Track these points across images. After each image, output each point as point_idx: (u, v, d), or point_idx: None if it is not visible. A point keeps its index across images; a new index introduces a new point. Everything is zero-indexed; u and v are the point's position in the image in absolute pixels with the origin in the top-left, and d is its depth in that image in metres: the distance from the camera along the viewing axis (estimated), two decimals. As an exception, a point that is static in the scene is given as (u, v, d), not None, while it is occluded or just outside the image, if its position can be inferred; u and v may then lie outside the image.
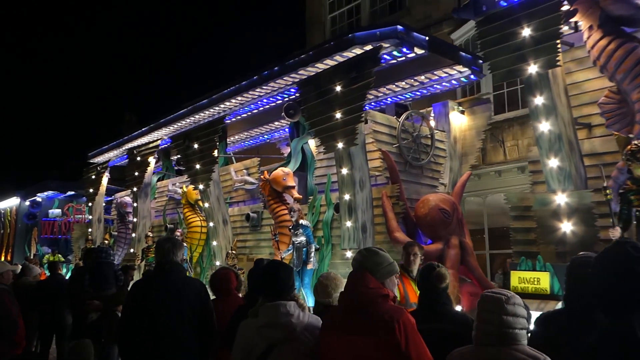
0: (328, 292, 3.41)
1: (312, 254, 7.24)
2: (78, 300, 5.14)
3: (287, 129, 11.47)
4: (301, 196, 8.24)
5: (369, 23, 13.87)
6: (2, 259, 22.81)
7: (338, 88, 6.99)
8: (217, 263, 9.56)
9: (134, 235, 12.07)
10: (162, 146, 12.72)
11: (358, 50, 6.98)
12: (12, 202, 23.08)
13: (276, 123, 11.22)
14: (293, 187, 8.20)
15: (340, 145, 6.89)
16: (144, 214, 12.19)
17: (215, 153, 9.52)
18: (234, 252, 8.27)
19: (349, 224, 6.88)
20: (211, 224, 9.69)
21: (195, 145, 9.76)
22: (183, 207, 10.95)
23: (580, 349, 2.17)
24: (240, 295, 4.39)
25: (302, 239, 7.29)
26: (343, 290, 2.68)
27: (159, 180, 13.57)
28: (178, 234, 10.00)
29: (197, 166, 9.64)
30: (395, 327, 2.33)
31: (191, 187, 10.97)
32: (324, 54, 7.33)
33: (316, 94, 7.39)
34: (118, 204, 13.79)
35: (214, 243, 9.64)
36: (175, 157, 13.98)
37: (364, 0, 14.17)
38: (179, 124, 11.55)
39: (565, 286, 2.59)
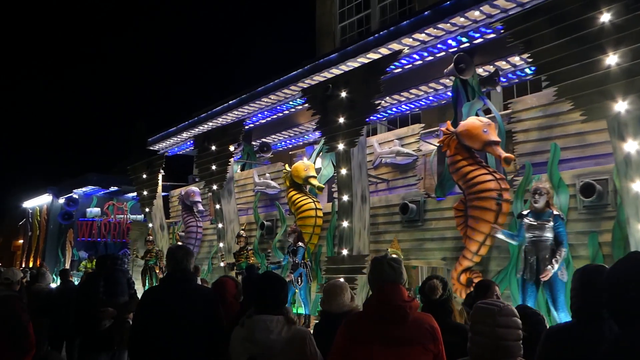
0: (327, 300, 3.50)
1: (562, 260, 4.78)
2: (89, 308, 4.98)
3: (442, 95, 9.01)
4: (513, 156, 5.75)
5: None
6: (31, 264, 20.47)
7: (606, 16, 4.51)
8: (344, 252, 6.80)
9: (221, 245, 9.42)
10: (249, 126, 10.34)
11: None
12: (43, 199, 20.65)
13: (430, 84, 8.60)
14: (497, 144, 5.74)
15: (623, 107, 4.40)
16: (230, 218, 9.40)
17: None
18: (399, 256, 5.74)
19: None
20: (345, 198, 6.87)
21: (343, 94, 6.89)
22: (287, 191, 8.47)
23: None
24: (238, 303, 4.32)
25: (550, 235, 4.81)
26: (371, 302, 2.60)
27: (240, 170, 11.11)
28: (290, 230, 7.66)
29: (341, 120, 6.84)
30: (438, 335, 2.51)
31: (299, 163, 8.48)
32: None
33: (555, 30, 4.89)
34: (182, 196, 11.31)
35: (345, 224, 6.86)
36: (259, 142, 11.58)
37: (374, 10, 13.53)
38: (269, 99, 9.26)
39: (574, 297, 2.41)
